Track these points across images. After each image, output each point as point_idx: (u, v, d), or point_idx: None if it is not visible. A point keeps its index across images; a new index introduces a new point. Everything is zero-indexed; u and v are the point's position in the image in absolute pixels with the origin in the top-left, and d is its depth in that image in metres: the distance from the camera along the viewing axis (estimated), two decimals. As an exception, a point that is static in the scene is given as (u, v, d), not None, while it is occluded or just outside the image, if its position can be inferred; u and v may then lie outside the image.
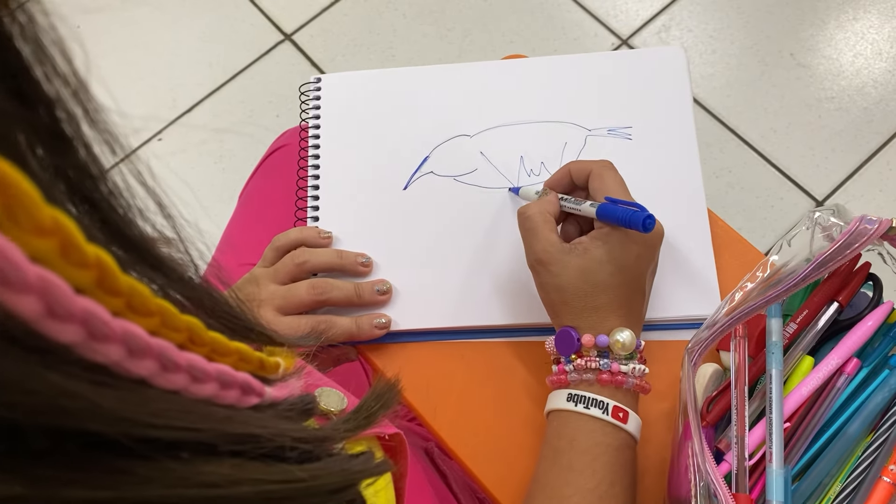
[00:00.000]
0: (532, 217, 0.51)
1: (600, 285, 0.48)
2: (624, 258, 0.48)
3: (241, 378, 0.22)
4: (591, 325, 0.49)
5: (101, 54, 1.54)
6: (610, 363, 0.48)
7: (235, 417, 0.22)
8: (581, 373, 0.48)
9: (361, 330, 0.55)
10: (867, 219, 0.46)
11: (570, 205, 0.52)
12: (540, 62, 0.63)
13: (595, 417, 0.47)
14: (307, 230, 0.58)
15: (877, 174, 1.30)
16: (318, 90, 0.64)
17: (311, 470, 0.23)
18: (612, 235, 0.48)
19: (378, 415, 0.33)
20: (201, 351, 0.21)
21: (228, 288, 0.55)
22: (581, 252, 0.49)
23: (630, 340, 0.48)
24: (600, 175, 0.51)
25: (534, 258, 0.50)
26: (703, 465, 0.42)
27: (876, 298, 0.50)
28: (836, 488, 0.47)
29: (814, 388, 0.48)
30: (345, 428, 0.30)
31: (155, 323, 0.19)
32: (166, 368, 0.19)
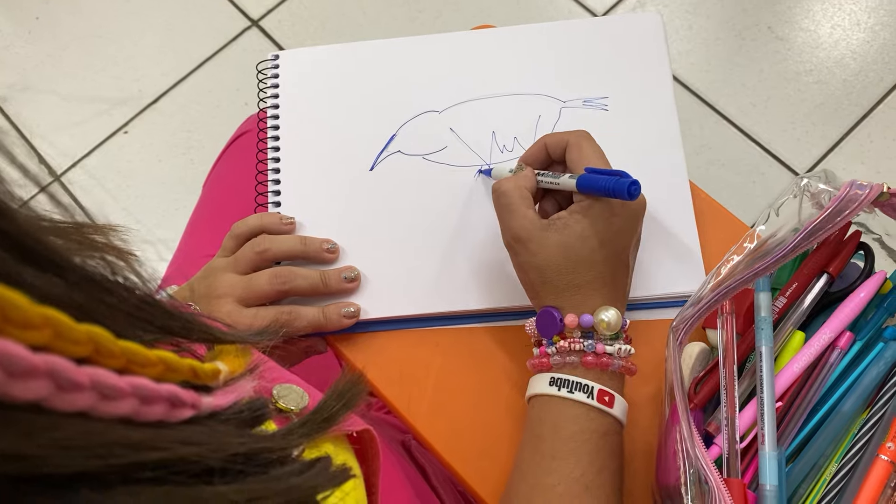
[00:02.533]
0: (508, 193, 0.48)
1: (582, 262, 0.45)
2: (606, 232, 0.45)
3: (166, 391, 0.20)
4: (574, 304, 0.46)
5: (62, 45, 1.49)
6: (595, 344, 0.45)
7: (159, 437, 0.19)
8: (564, 355, 0.46)
9: (329, 320, 0.52)
10: (857, 184, 0.44)
11: (548, 179, 0.49)
12: (510, 31, 0.60)
13: (579, 402, 0.44)
14: (268, 216, 0.55)
15: (858, 146, 1.28)
16: (277, 67, 0.60)
17: (250, 491, 0.20)
18: (593, 208, 0.45)
19: (340, 415, 0.30)
20: (112, 363, 0.18)
21: (187, 281, 0.51)
22: (560, 227, 0.46)
23: (616, 319, 0.45)
24: (578, 145, 0.48)
25: (510, 236, 0.47)
26: (692, 451, 0.40)
27: (868, 268, 0.48)
28: (832, 469, 0.44)
29: (806, 364, 0.46)
30: (300, 433, 0.27)
31: (45, 336, 0.16)
32: (62, 388, 0.16)
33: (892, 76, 1.32)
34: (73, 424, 0.16)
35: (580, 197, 0.46)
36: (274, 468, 0.23)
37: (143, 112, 1.44)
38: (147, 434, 0.19)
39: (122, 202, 1.38)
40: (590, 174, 0.46)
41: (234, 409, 0.24)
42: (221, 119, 1.41)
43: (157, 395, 0.19)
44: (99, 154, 1.41)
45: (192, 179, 1.36)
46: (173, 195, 1.37)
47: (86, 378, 0.17)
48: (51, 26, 1.51)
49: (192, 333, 0.25)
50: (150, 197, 1.38)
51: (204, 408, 0.22)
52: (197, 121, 1.42)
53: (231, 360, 0.26)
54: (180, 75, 1.45)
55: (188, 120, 1.42)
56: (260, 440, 0.24)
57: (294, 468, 0.24)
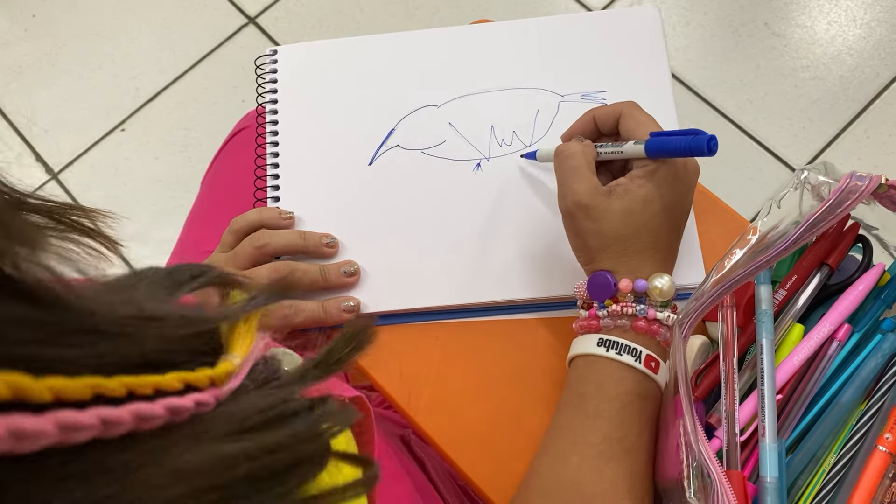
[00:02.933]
0: (575, 155, 0.47)
1: (643, 227, 0.45)
2: (669, 196, 0.45)
3: (193, 399, 0.21)
4: (630, 269, 0.46)
5: (59, 43, 1.49)
6: (646, 309, 0.45)
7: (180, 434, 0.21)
8: (616, 318, 0.46)
9: (329, 314, 0.52)
10: (857, 175, 0.44)
11: (609, 149, 0.48)
12: (508, 26, 0.60)
13: (627, 364, 0.44)
14: (267, 211, 0.55)
15: (854, 142, 1.29)
16: (275, 62, 0.60)
17: (271, 444, 0.22)
18: (657, 173, 0.45)
19: (349, 358, 0.30)
20: (119, 391, 0.19)
21: None
22: (622, 194, 0.45)
23: (669, 286, 0.45)
24: (632, 115, 0.48)
25: (573, 200, 0.46)
26: (695, 445, 0.40)
27: (866, 261, 0.48)
28: (831, 460, 0.44)
29: (805, 356, 0.46)
30: (314, 375, 0.27)
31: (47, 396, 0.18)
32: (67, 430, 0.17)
33: (889, 72, 1.32)
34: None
35: (641, 163, 0.46)
36: (290, 413, 0.24)
37: (140, 110, 1.43)
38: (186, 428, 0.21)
39: (119, 200, 1.37)
40: (656, 136, 0.45)
41: (253, 374, 0.25)
42: (219, 117, 1.41)
43: (184, 407, 0.21)
44: (96, 152, 1.41)
45: (190, 177, 1.36)
46: (170, 193, 1.36)
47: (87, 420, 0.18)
48: (47, 24, 1.51)
49: (204, 323, 0.25)
50: (147, 195, 1.37)
51: (224, 394, 0.23)
52: (194, 118, 1.42)
53: (242, 338, 0.26)
54: (177, 73, 1.45)
55: (185, 117, 1.42)
56: (280, 391, 0.25)
57: (303, 405, 0.25)
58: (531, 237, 0.54)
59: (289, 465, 0.23)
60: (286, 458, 0.23)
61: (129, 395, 0.20)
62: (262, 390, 0.25)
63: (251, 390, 0.25)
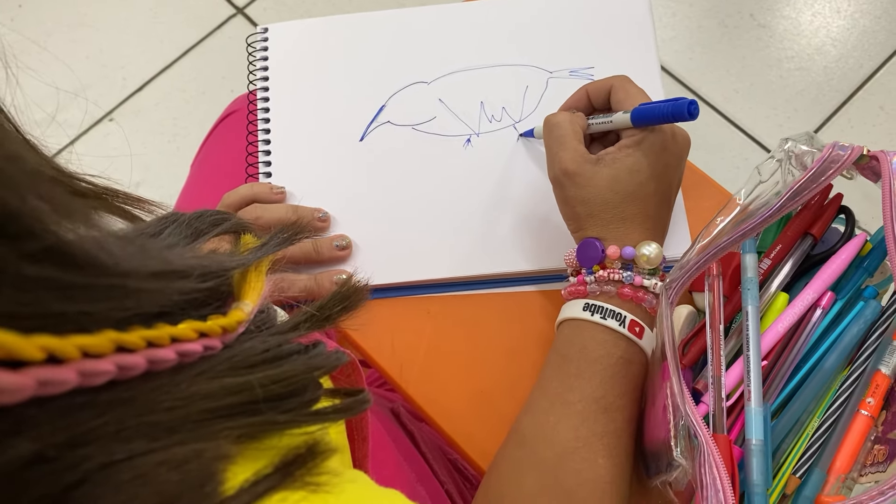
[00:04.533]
0: (561, 124, 0.48)
1: (630, 195, 0.46)
2: (656, 166, 0.46)
3: (201, 344, 0.23)
4: (617, 236, 0.47)
5: (46, 32, 1.48)
6: (633, 276, 0.46)
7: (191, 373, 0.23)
8: (602, 284, 0.47)
9: (321, 287, 0.53)
10: (839, 145, 0.45)
11: (600, 120, 0.49)
12: (497, 3, 0.61)
13: (610, 328, 0.45)
14: (258, 186, 0.55)
15: (839, 132, 1.30)
16: (266, 41, 0.61)
17: (267, 377, 0.24)
18: (644, 142, 0.46)
19: (339, 316, 0.32)
20: (139, 344, 0.21)
21: None
22: (609, 162, 0.46)
23: (656, 254, 0.46)
24: (624, 87, 0.49)
25: (559, 168, 0.47)
26: (682, 406, 0.41)
27: (849, 231, 0.49)
28: (815, 423, 0.45)
29: (790, 323, 0.47)
30: (305, 327, 0.29)
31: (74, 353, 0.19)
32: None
33: (872, 62, 1.34)
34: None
35: (630, 132, 0.47)
36: (286, 354, 0.26)
37: (128, 100, 1.43)
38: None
39: (107, 190, 1.37)
40: (643, 106, 0.46)
41: (255, 318, 0.27)
42: (207, 107, 1.41)
43: (193, 351, 0.23)
44: (84, 142, 1.41)
45: (178, 167, 1.35)
46: (159, 181, 1.36)
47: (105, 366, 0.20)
48: (34, 13, 1.50)
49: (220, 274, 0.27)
50: (136, 185, 1.37)
51: (233, 338, 0.25)
52: (182, 108, 1.42)
53: (253, 285, 0.28)
54: (165, 63, 1.45)
55: (173, 107, 1.42)
56: (277, 337, 0.26)
57: (294, 348, 0.26)
58: (522, 211, 0.55)
59: (286, 392, 0.24)
60: (285, 386, 0.24)
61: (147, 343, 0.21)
62: (262, 335, 0.26)
63: (253, 334, 0.26)
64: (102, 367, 0.19)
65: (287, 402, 0.24)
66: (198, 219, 0.29)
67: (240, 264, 0.28)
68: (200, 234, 0.29)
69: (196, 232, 0.29)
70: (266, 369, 0.24)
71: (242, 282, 0.27)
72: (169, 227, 0.28)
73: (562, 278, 0.55)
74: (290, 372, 0.25)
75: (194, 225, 0.29)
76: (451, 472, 0.60)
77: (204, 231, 0.29)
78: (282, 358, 0.25)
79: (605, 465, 0.43)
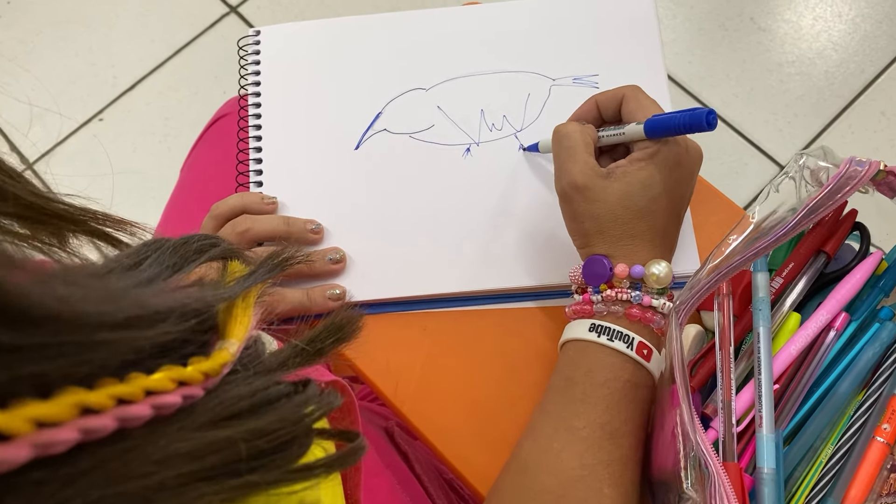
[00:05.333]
0: (571, 135, 0.46)
1: (641, 211, 0.44)
2: (668, 181, 0.44)
3: (179, 393, 0.21)
4: (626, 254, 0.45)
5: (35, 31, 1.45)
6: (642, 296, 0.44)
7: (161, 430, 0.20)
8: (609, 304, 0.45)
9: (314, 302, 0.51)
10: (856, 161, 0.43)
11: (610, 132, 0.47)
12: (498, 8, 0.59)
13: (618, 351, 0.43)
14: (249, 195, 0.53)
15: (839, 137, 1.29)
16: (258, 44, 0.58)
17: (252, 431, 0.22)
18: (657, 156, 0.44)
19: (332, 349, 0.29)
20: (106, 404, 0.19)
21: None
22: (620, 175, 0.44)
23: (666, 273, 0.44)
24: (636, 97, 0.47)
25: (568, 181, 0.45)
26: (692, 435, 0.39)
27: (864, 249, 0.47)
28: (828, 451, 0.44)
29: (803, 346, 0.45)
30: (295, 363, 0.27)
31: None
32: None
33: (874, 67, 1.32)
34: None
35: (642, 145, 0.45)
36: (272, 399, 0.23)
37: (118, 99, 1.40)
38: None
39: (97, 191, 1.32)
40: (658, 117, 0.44)
41: (241, 356, 0.24)
42: (199, 107, 1.38)
43: (171, 403, 0.20)
44: (73, 142, 1.38)
45: (169, 168, 1.32)
46: (149, 184, 1.33)
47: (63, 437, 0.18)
48: (23, 11, 1.47)
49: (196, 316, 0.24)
50: (126, 186, 1.34)
51: (216, 382, 0.23)
52: (174, 108, 1.39)
53: (240, 320, 0.25)
54: (157, 62, 1.42)
55: (165, 107, 1.39)
56: (263, 377, 0.24)
57: (285, 390, 0.24)
58: (524, 223, 0.53)
59: (272, 448, 0.22)
60: (271, 441, 0.22)
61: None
62: (246, 376, 0.24)
63: (238, 373, 0.24)
64: (62, 437, 0.16)
65: (273, 458, 0.22)
66: (183, 245, 0.27)
67: (224, 298, 0.25)
68: (186, 263, 0.26)
69: (181, 260, 0.26)
70: (251, 420, 0.22)
71: (228, 316, 0.25)
72: (151, 256, 0.26)
73: (565, 294, 0.53)
74: (277, 423, 0.22)
75: (179, 252, 0.26)
76: (447, 492, 0.58)
77: (190, 259, 0.26)
78: (269, 403, 0.23)
79: (610, 495, 0.41)
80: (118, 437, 0.18)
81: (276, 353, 0.27)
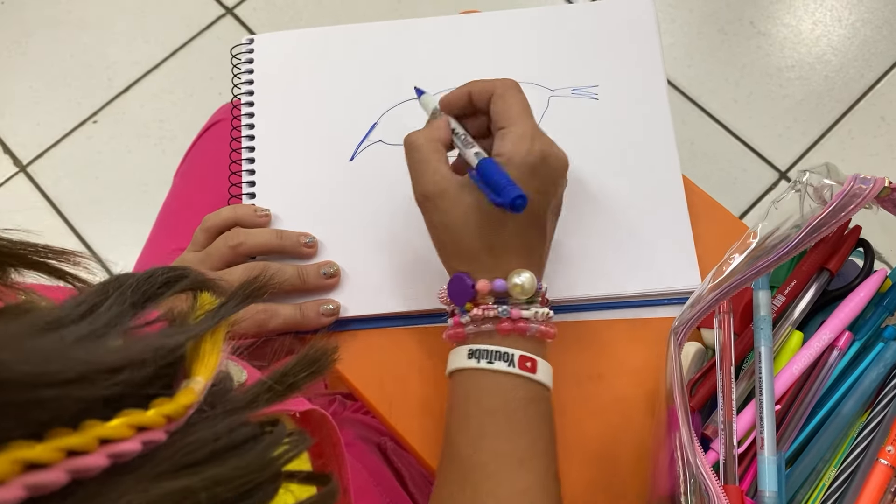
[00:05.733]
0: (419, 147, 0.44)
1: (495, 223, 0.42)
2: (525, 190, 0.42)
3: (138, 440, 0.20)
4: (487, 268, 0.43)
5: (29, 31, 1.44)
6: (509, 309, 0.42)
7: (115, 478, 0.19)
8: (478, 323, 0.43)
9: (307, 318, 0.50)
10: (861, 178, 0.42)
11: (458, 143, 0.45)
12: (496, 17, 0.58)
13: (501, 372, 0.42)
14: (241, 208, 0.52)
15: (838, 143, 1.28)
16: (252, 52, 0.57)
17: (213, 477, 0.21)
18: (509, 166, 0.42)
19: (305, 383, 0.28)
20: (55, 458, 0.18)
21: None
22: (474, 187, 0.42)
23: (530, 282, 0.42)
24: (503, 96, 0.44)
25: (420, 192, 0.44)
26: (692, 459, 0.38)
27: (868, 266, 0.46)
28: (832, 473, 0.43)
29: (805, 365, 0.44)
30: (266, 399, 0.25)
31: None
32: None
33: (873, 73, 1.31)
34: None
35: (497, 153, 0.43)
36: (238, 443, 0.22)
37: (113, 101, 1.39)
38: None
39: (91, 193, 1.33)
40: (492, 165, 0.42)
41: (207, 395, 0.23)
42: (194, 109, 1.37)
43: (129, 451, 0.19)
44: (67, 144, 1.37)
45: (164, 170, 1.30)
46: (143, 187, 1.33)
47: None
48: (18, 11, 1.46)
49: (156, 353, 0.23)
50: (120, 188, 1.33)
51: (180, 425, 0.21)
52: (169, 111, 1.38)
53: (207, 358, 0.24)
54: (152, 63, 1.41)
55: (160, 109, 1.38)
56: (229, 417, 0.23)
57: (251, 433, 0.23)
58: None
59: (234, 497, 0.21)
60: (234, 489, 0.21)
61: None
62: (212, 416, 0.23)
63: (204, 413, 0.23)
64: (5, 496, 0.16)
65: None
66: (147, 280, 0.25)
67: (191, 337, 0.24)
68: (150, 299, 0.25)
69: (144, 297, 0.25)
70: (213, 467, 0.21)
71: (195, 354, 0.24)
72: (112, 296, 0.24)
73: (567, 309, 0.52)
74: (240, 470, 0.21)
75: (142, 289, 0.25)
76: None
77: (154, 294, 0.25)
78: (233, 448, 0.22)
79: None
80: (70, 492, 0.17)
81: (246, 390, 0.25)
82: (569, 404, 0.50)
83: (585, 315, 0.52)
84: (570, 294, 0.51)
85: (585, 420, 0.50)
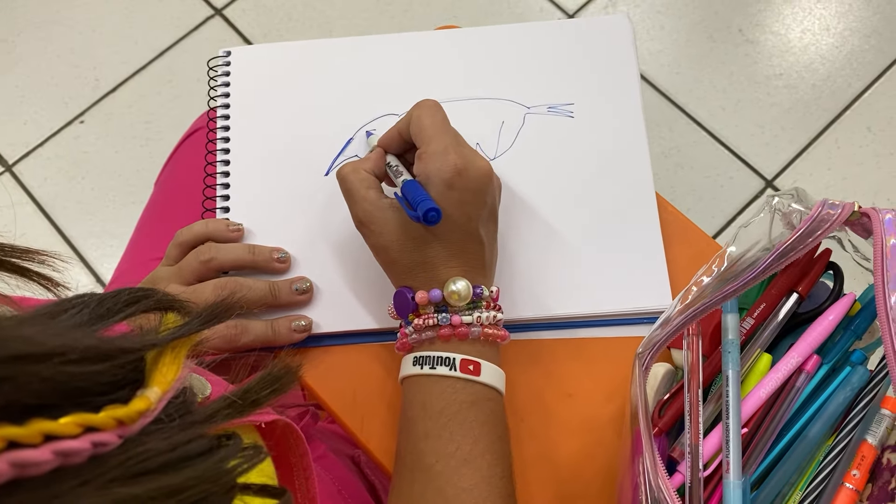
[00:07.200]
0: (346, 177, 0.47)
1: (422, 238, 0.45)
2: (448, 206, 0.44)
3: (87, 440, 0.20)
4: (424, 281, 0.45)
5: (16, 30, 1.43)
6: (449, 317, 0.45)
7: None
8: (421, 332, 0.45)
9: (278, 334, 0.50)
10: (829, 203, 0.42)
11: (391, 173, 0.49)
12: (474, 33, 0.58)
13: (443, 376, 0.44)
14: (214, 223, 0.52)
15: (825, 152, 1.28)
16: (228, 65, 0.57)
17: (167, 486, 0.21)
18: (427, 185, 0.45)
19: (267, 400, 0.29)
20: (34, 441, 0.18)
21: None
22: (399, 206, 0.45)
23: (465, 289, 0.45)
24: (417, 119, 0.47)
25: (355, 219, 0.47)
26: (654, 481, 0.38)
27: (837, 289, 0.46)
28: (797, 497, 0.43)
29: (773, 389, 0.44)
30: (224, 415, 0.26)
31: None
32: None
33: (861, 82, 1.32)
34: None
35: (416, 171, 0.46)
36: (193, 455, 0.23)
37: (100, 101, 1.39)
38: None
39: (77, 194, 1.33)
40: (412, 183, 0.45)
41: (167, 407, 0.24)
42: (181, 110, 1.37)
43: (77, 449, 0.19)
44: (53, 144, 1.36)
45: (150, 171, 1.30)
46: (129, 187, 1.32)
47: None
48: (4, 10, 1.45)
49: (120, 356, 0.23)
50: (106, 189, 1.33)
51: (135, 431, 0.22)
52: (156, 111, 1.37)
53: (166, 369, 0.24)
54: (140, 64, 1.41)
55: (147, 110, 1.38)
56: (187, 430, 0.23)
57: (207, 445, 0.23)
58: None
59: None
60: (186, 500, 0.21)
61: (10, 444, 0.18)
62: (168, 427, 0.23)
63: (163, 424, 0.23)
64: None
65: None
66: (112, 298, 0.25)
67: (150, 344, 0.24)
68: (112, 315, 0.25)
69: (107, 312, 0.25)
70: (165, 476, 0.21)
71: (154, 366, 0.24)
72: (76, 307, 0.24)
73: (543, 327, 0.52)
74: (192, 480, 0.22)
75: (107, 305, 0.25)
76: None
77: (116, 311, 0.25)
78: (187, 459, 0.22)
79: None
80: (14, 489, 0.17)
81: (208, 405, 0.26)
82: (538, 424, 0.50)
83: (556, 333, 0.52)
84: (541, 312, 0.51)
85: (554, 439, 0.50)
